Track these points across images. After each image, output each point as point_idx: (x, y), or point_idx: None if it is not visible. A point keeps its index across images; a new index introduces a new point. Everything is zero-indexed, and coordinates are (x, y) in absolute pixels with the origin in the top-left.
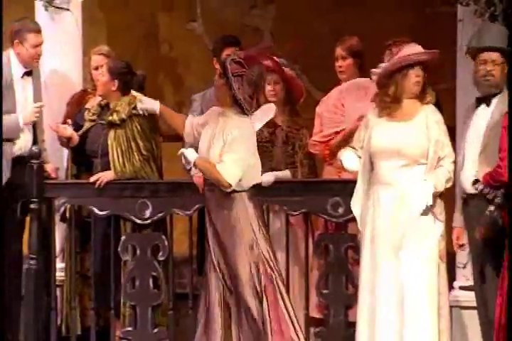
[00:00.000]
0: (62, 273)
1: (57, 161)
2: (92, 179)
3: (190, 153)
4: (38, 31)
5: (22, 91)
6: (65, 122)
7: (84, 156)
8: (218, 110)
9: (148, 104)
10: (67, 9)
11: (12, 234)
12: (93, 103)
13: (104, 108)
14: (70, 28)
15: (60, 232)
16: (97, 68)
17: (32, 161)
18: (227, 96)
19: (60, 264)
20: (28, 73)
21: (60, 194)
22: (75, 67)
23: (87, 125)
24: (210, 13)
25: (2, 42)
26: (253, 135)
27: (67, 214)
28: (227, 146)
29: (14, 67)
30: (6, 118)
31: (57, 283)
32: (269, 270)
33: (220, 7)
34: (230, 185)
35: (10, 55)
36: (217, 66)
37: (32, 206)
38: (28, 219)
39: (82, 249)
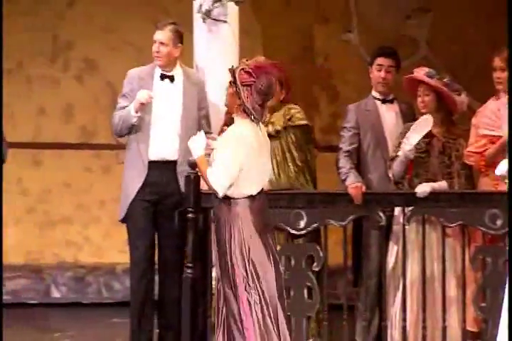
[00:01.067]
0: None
1: None
2: None
3: (196, 149)
4: (159, 28)
5: (159, 93)
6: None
7: None
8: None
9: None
10: (225, 21)
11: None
12: None
13: None
14: (227, 40)
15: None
16: None
17: (190, 171)
18: (235, 104)
19: (215, 273)
20: (169, 77)
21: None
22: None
23: None
24: (366, 23)
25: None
26: (252, 143)
27: None
28: (218, 152)
29: (156, 69)
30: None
31: (213, 292)
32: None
33: (376, 17)
34: (218, 193)
35: None
36: (371, 75)
37: (189, 215)
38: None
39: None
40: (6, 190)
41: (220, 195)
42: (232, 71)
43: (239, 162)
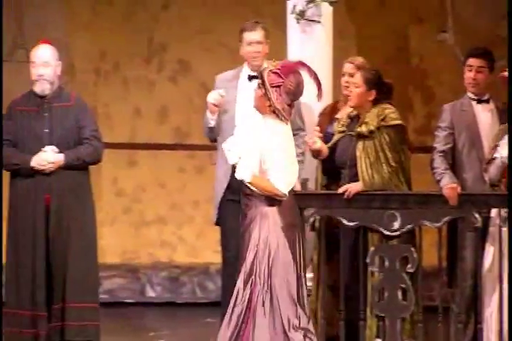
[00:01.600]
0: (311, 283)
1: (307, 172)
2: (340, 190)
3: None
4: (251, 29)
5: (246, 94)
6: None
7: (333, 167)
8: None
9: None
10: (319, 21)
11: None
12: (343, 113)
13: (354, 119)
14: (320, 40)
15: (308, 242)
16: (344, 75)
17: None
18: (265, 106)
19: (309, 274)
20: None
21: (309, 204)
22: (325, 79)
23: (336, 136)
24: (462, 23)
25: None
26: (292, 142)
27: (316, 225)
28: (270, 156)
29: (243, 70)
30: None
31: (307, 293)
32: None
33: (471, 17)
34: (285, 195)
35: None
36: (464, 76)
37: None
38: None
39: (330, 260)
40: (103, 190)
41: (286, 194)
42: (260, 73)
43: (288, 159)
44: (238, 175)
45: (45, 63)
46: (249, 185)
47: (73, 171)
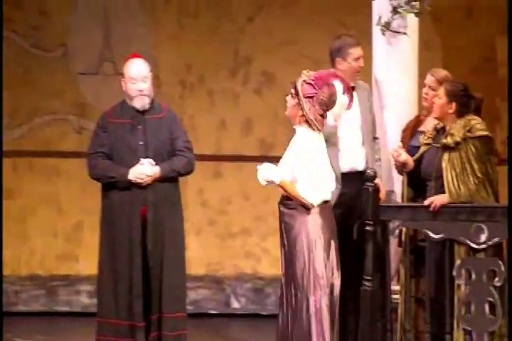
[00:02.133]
0: (397, 296)
1: (392, 184)
2: (426, 202)
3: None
4: (358, 44)
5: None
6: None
7: (419, 179)
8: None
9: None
10: (404, 33)
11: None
12: (428, 125)
13: (440, 131)
14: (406, 52)
15: (393, 254)
16: (425, 86)
17: (367, 184)
18: (297, 115)
19: (394, 287)
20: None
21: (394, 217)
22: (411, 91)
23: (422, 148)
24: None
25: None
26: (324, 152)
27: (403, 238)
28: (300, 166)
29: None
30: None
31: (392, 306)
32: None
33: None
34: (313, 205)
35: None
36: None
37: (368, 228)
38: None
39: (417, 273)
40: (188, 201)
41: (315, 204)
42: (294, 83)
43: (320, 170)
44: (268, 176)
45: (144, 78)
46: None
47: (166, 183)
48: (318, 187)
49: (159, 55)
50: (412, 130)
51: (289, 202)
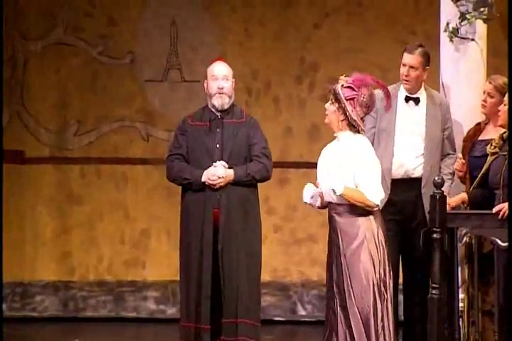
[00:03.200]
0: (462, 304)
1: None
2: (494, 210)
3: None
4: (410, 51)
5: (403, 115)
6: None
7: (488, 187)
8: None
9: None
10: (472, 39)
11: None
12: (488, 134)
13: (506, 140)
14: (474, 59)
15: (461, 262)
16: (484, 92)
17: (435, 191)
18: (339, 121)
19: (461, 295)
20: (414, 99)
21: (462, 224)
22: (478, 98)
23: (489, 158)
24: None
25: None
26: (372, 149)
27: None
28: (361, 167)
29: (401, 92)
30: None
31: (459, 314)
32: None
33: None
34: (377, 205)
35: None
36: None
37: (435, 236)
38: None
39: (484, 282)
40: None
41: (378, 204)
42: (333, 89)
43: (377, 170)
44: (331, 187)
45: (225, 76)
46: (341, 197)
47: (242, 187)
48: (379, 187)
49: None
50: (472, 139)
51: (346, 210)
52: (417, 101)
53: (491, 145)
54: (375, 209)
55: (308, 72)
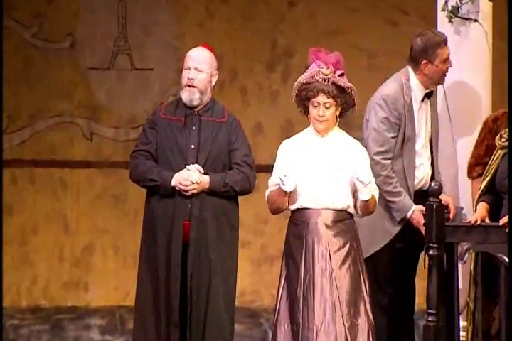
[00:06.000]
0: (464, 333)
1: (463, 200)
2: (501, 222)
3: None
4: (445, 41)
5: (420, 114)
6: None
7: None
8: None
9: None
10: (475, 20)
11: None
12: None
13: None
14: (478, 43)
15: (463, 283)
16: None
17: (431, 199)
18: (334, 119)
19: (463, 322)
20: (428, 95)
21: (463, 238)
22: (483, 84)
23: (499, 152)
24: None
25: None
26: None
27: (471, 264)
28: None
29: (415, 91)
30: None
31: None
32: None
33: None
34: None
35: (410, 77)
36: None
37: (431, 252)
38: None
39: (487, 304)
40: None
41: None
42: (327, 81)
43: None
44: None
45: (198, 66)
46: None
47: (219, 198)
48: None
49: (183, 47)
50: (486, 144)
51: (338, 215)
52: (429, 94)
53: (501, 137)
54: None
55: (282, 58)
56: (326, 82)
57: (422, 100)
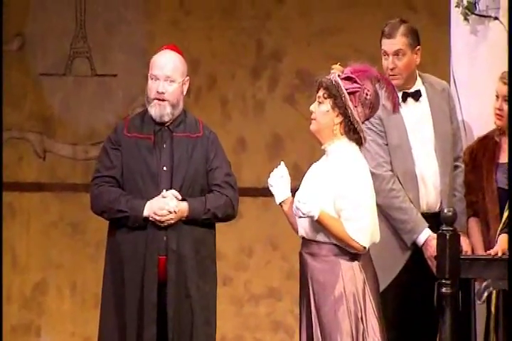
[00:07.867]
0: None
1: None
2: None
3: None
4: (389, 34)
5: (409, 119)
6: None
7: None
8: None
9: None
10: (496, 18)
11: None
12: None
13: None
14: (497, 43)
15: (480, 326)
16: (497, 97)
17: (443, 228)
18: (334, 125)
19: None
20: (412, 95)
21: (481, 274)
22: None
23: None
24: None
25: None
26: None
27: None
28: (350, 197)
29: None
30: None
31: None
32: None
33: None
34: (364, 248)
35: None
36: None
37: (443, 290)
38: None
39: None
40: None
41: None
42: (325, 82)
43: (371, 199)
44: (304, 210)
45: (168, 76)
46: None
47: (196, 227)
48: (373, 224)
49: (153, 48)
50: (492, 161)
51: (324, 250)
52: (416, 95)
53: None
54: (361, 252)
55: (268, 62)
56: (318, 85)
57: (405, 100)
